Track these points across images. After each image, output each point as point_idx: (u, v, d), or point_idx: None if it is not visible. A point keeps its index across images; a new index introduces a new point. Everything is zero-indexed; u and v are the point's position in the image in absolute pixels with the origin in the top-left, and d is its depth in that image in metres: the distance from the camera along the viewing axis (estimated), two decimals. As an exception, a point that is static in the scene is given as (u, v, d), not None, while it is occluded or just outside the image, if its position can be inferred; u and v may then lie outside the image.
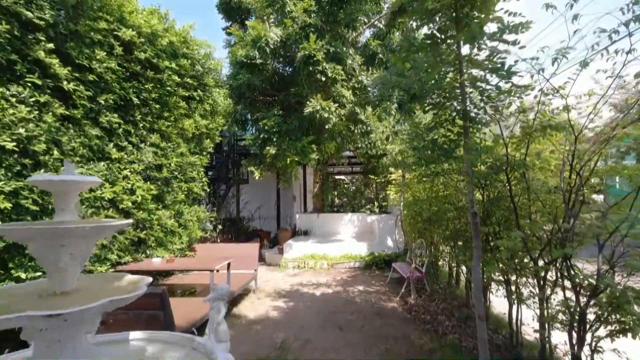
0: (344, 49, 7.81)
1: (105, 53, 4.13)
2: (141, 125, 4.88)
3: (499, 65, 2.95)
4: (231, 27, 8.87)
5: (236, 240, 11.32)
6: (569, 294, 2.80)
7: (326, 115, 7.16)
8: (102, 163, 4.26)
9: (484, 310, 2.88)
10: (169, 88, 5.28)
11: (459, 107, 3.29)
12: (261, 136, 8.34)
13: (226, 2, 10.87)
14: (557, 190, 2.99)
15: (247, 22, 7.76)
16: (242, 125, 9.50)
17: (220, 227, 9.67)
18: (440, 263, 6.86)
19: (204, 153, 6.90)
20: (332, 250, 8.88)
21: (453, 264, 5.90)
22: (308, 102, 7.33)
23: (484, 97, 3.21)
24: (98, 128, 4.21)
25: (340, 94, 8.36)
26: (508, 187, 3.25)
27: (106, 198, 4.23)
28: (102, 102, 4.20)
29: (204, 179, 6.81)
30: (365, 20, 8.21)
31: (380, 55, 9.05)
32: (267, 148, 8.17)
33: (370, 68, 9.05)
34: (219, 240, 10.05)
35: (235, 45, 8.87)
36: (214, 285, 4.46)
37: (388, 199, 7.94)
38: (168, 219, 5.51)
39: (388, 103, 8.54)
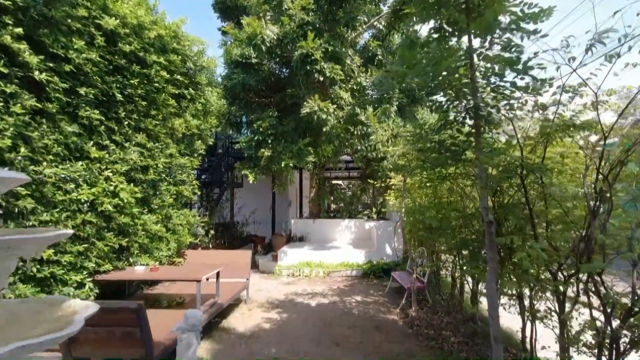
0: (343, 48, 7.55)
1: (84, 43, 3.81)
2: (126, 123, 4.54)
3: (515, 59, 2.66)
4: (226, 26, 8.58)
5: (229, 246, 10.95)
6: (595, 313, 2.49)
7: (324, 116, 6.87)
8: (80, 163, 3.91)
9: (499, 330, 2.56)
10: (157, 84, 4.96)
11: (470, 105, 3.00)
12: (255, 138, 8.04)
13: (222, 1, 10.62)
14: (580, 196, 2.70)
15: (242, 20, 7.45)
16: (236, 128, 9.18)
17: (212, 232, 9.31)
18: (442, 272, 6.54)
19: (195, 155, 6.56)
20: (328, 258, 8.54)
21: (457, 274, 5.59)
22: (305, 103, 7.04)
23: (497, 94, 2.93)
24: (76, 124, 3.87)
25: (338, 95, 8.10)
26: (523, 193, 2.95)
27: (83, 200, 3.88)
28: (82, 96, 3.87)
29: (194, 182, 6.47)
30: (365, 19, 7.97)
31: (379, 57, 8.82)
32: (262, 150, 7.86)
33: (369, 69, 8.80)
34: (210, 246, 9.68)
35: (231, 45, 8.59)
36: (203, 298, 4.13)
37: (387, 204, 7.63)
38: (154, 224, 5.16)
39: (387, 105, 8.28)
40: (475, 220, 3.86)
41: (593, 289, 2.42)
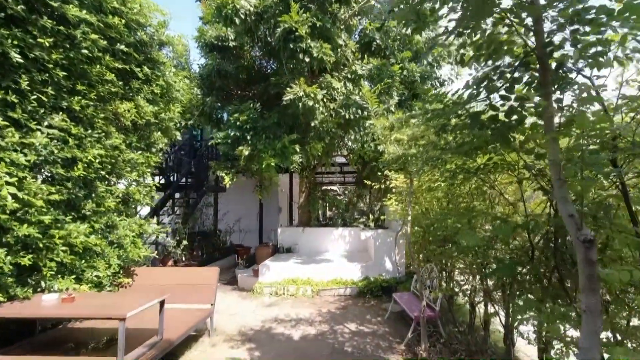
0: (335, 27, 6.42)
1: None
2: (33, 97, 3.33)
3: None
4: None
5: (208, 258, 9.68)
6: None
7: (310, 103, 5.71)
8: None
9: None
10: (86, 51, 3.77)
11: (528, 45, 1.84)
12: (232, 134, 6.85)
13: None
14: None
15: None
16: (215, 123, 7.97)
17: (185, 242, 8.06)
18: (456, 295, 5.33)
19: (153, 150, 5.35)
20: (318, 273, 7.30)
21: (476, 298, 4.38)
22: (288, 89, 5.87)
23: (575, 28, 1.77)
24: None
25: (329, 85, 6.95)
26: (620, 188, 1.79)
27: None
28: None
29: (152, 184, 5.26)
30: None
31: (377, 41, 7.70)
32: (240, 148, 6.67)
33: (365, 56, 7.68)
34: (184, 259, 8.42)
35: (206, 26, 7.43)
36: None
37: (387, 211, 6.45)
38: (86, 235, 3.92)
39: (390, 80, 7.15)
40: (523, 235, 2.68)
41: None
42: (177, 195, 9.65)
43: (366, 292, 6.82)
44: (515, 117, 1.89)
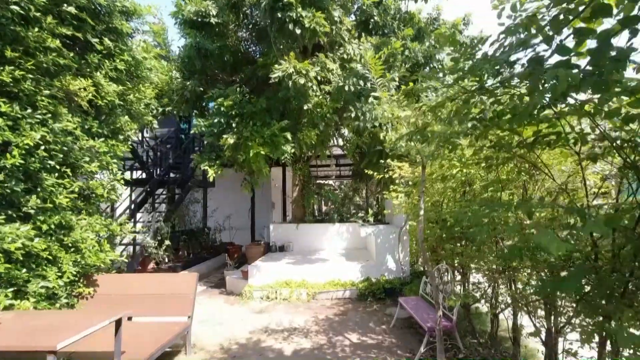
0: (329, -3, 5.67)
1: None
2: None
3: None
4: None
5: (195, 258, 8.96)
6: None
7: (302, 81, 4.99)
8: None
9: None
10: (16, 7, 3.01)
11: None
12: (217, 120, 6.12)
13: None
14: None
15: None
16: (200, 111, 7.19)
17: (167, 242, 7.33)
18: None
19: (120, 137, 4.61)
20: (313, 274, 6.62)
21: (499, 304, 3.71)
22: (277, 65, 5.14)
23: None
24: None
25: (324, 66, 6.22)
26: None
27: None
28: None
29: (118, 176, 4.51)
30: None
31: (375, 18, 6.97)
32: (224, 137, 5.93)
33: (363, 35, 6.94)
34: (167, 260, 7.70)
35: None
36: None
37: (390, 205, 5.74)
38: (27, 239, 3.19)
39: (388, 73, 6.43)
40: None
41: None
42: (161, 191, 8.88)
43: (367, 294, 6.15)
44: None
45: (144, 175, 8.66)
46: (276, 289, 6.35)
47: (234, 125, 6.00)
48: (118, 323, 2.84)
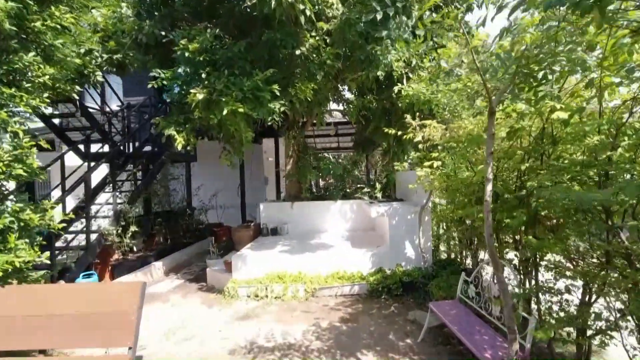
0: None
1: None
2: None
3: None
4: None
5: (173, 244, 7.66)
6: None
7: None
8: None
9: None
10: None
11: None
12: (180, 70, 4.64)
13: None
14: None
15: None
16: (159, 60, 5.60)
17: (134, 228, 5.99)
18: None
19: (26, 83, 3.15)
20: (312, 265, 5.35)
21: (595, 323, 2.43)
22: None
23: None
24: None
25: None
26: None
27: None
28: None
29: (26, 142, 3.10)
30: None
31: None
32: (192, 91, 4.47)
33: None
34: (134, 249, 6.39)
35: None
36: None
37: (418, 178, 4.30)
38: None
39: (403, 17, 4.91)
40: None
41: None
42: (131, 167, 7.42)
43: (381, 290, 4.90)
44: None
45: (107, 149, 7.19)
46: (267, 284, 5.09)
47: (204, 75, 4.52)
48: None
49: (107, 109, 8.24)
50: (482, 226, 3.23)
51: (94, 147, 7.31)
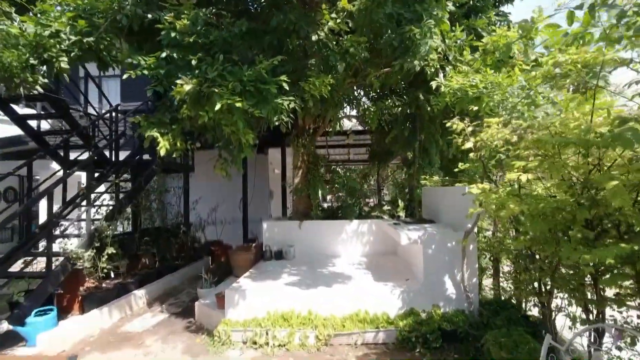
0: None
1: None
2: None
3: None
4: None
5: (162, 269, 6.61)
6: None
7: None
8: None
9: None
10: None
11: None
12: (164, 56, 3.71)
13: None
14: None
15: None
16: (147, 50, 4.69)
17: (111, 250, 4.98)
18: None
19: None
20: (326, 301, 4.26)
21: None
22: None
23: None
24: None
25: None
26: None
27: None
28: None
29: None
30: None
31: None
32: (178, 82, 3.51)
33: None
34: (112, 275, 5.37)
35: None
36: None
37: (475, 198, 3.20)
38: None
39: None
40: None
41: None
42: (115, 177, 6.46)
43: (415, 341, 3.78)
44: None
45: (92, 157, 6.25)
46: (268, 328, 4.00)
47: (194, 62, 3.57)
48: None
49: (93, 112, 7.35)
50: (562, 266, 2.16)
51: (88, 155, 6.39)
